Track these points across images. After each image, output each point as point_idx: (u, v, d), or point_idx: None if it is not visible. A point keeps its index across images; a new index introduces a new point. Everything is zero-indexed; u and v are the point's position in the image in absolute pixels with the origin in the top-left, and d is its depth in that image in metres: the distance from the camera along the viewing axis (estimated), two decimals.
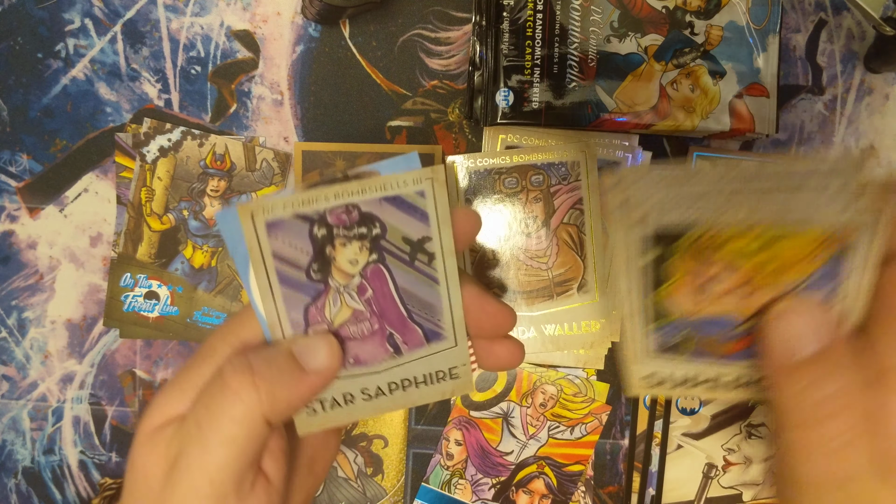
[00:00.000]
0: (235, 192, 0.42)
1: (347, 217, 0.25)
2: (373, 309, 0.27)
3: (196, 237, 0.42)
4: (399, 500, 0.44)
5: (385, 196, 0.25)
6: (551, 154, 0.41)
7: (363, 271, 0.26)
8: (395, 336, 0.28)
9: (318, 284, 0.26)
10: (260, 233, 0.25)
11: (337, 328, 0.27)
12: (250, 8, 0.42)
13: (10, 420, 0.43)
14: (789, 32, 0.43)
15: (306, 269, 0.26)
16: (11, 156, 0.42)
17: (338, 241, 0.26)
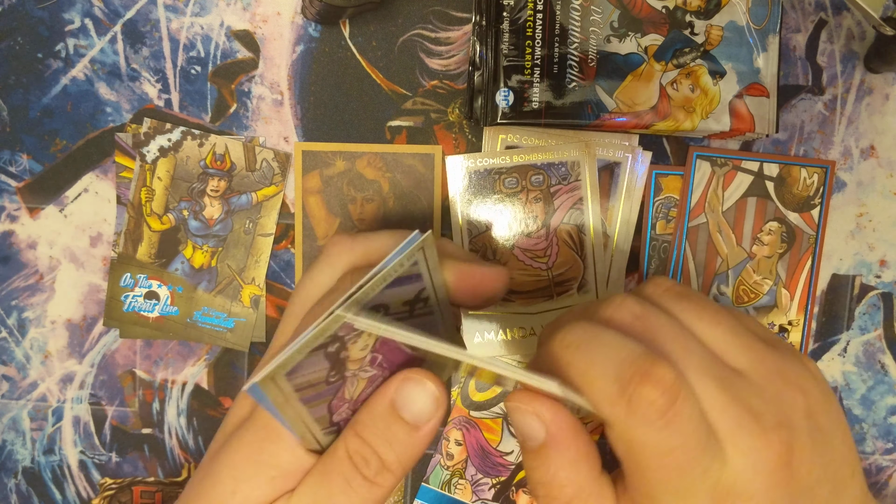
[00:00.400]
0: (235, 191, 0.42)
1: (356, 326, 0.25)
2: (384, 367, 0.27)
3: (196, 237, 0.42)
4: (399, 500, 0.44)
5: (386, 285, 0.25)
6: (551, 154, 0.41)
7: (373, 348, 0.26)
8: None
9: (337, 383, 0.25)
10: (284, 388, 0.24)
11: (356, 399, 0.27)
12: (250, 8, 0.42)
13: (10, 420, 0.43)
14: (789, 32, 0.43)
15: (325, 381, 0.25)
16: (11, 156, 0.42)
17: (349, 342, 0.25)
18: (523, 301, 0.42)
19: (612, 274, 0.42)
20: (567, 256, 0.42)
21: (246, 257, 0.42)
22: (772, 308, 0.43)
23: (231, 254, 0.42)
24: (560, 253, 0.42)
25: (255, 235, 0.42)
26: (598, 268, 0.42)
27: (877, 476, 0.45)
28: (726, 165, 0.42)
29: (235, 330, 0.43)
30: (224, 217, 0.42)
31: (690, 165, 0.42)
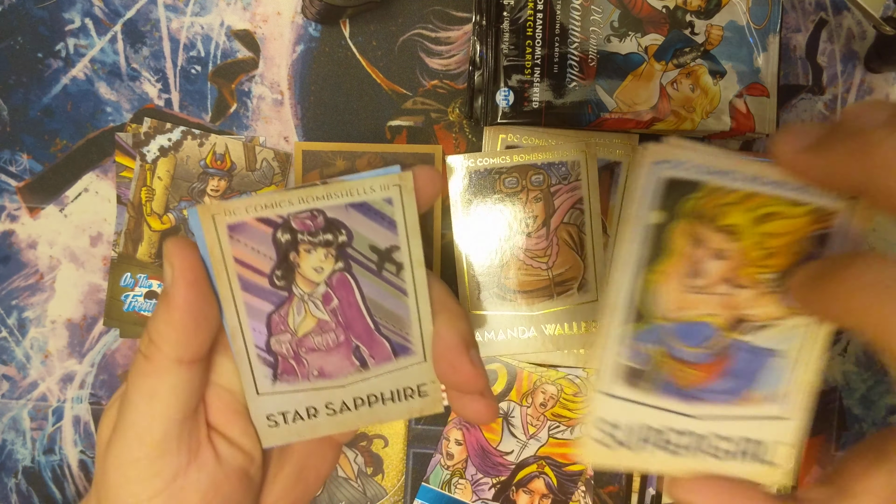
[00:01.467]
0: (236, 191, 0.42)
1: (312, 222, 0.24)
2: (338, 319, 0.26)
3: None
4: (399, 500, 0.44)
5: (351, 202, 0.24)
6: (551, 154, 0.41)
7: (328, 280, 0.25)
8: (362, 349, 0.27)
9: (281, 292, 0.25)
10: (221, 236, 0.24)
11: (301, 338, 0.26)
12: (250, 8, 0.42)
13: (10, 420, 0.43)
14: (789, 32, 0.43)
15: (269, 276, 0.25)
16: (11, 155, 0.42)
17: (302, 248, 0.24)
18: (524, 300, 0.42)
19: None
20: (567, 256, 0.42)
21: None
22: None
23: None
24: (560, 253, 0.42)
25: None
26: (598, 268, 0.42)
27: None
28: None
29: None
30: None
31: None
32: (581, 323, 0.42)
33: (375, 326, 0.26)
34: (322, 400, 0.27)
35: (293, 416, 0.27)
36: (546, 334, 0.42)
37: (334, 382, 0.27)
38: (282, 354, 0.26)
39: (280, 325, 0.26)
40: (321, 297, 0.25)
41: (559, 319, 0.42)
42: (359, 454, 0.43)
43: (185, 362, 0.25)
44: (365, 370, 0.27)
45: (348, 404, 0.27)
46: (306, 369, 0.26)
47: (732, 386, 0.24)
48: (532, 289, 0.42)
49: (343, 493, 0.43)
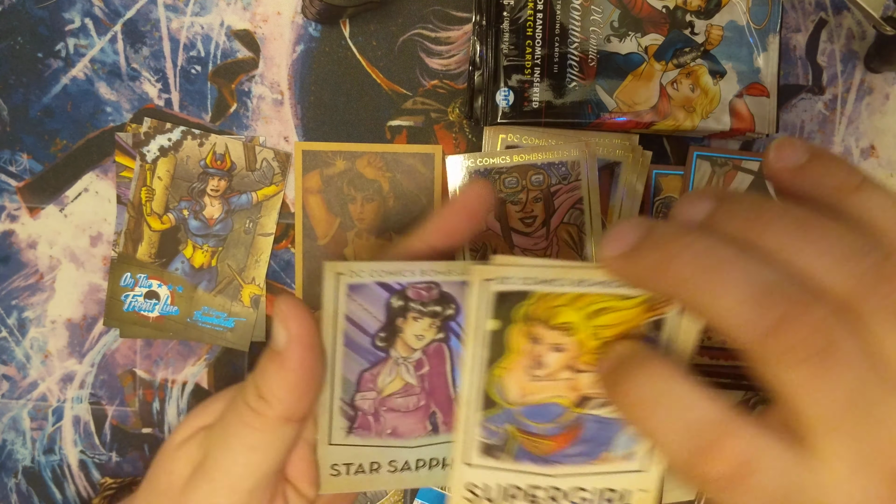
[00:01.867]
0: (236, 191, 0.42)
1: (427, 294, 0.25)
2: (424, 385, 0.27)
3: (196, 237, 0.42)
4: (399, 500, 0.44)
5: (465, 280, 0.25)
6: (551, 154, 0.41)
7: (426, 348, 0.26)
8: (438, 415, 0.27)
9: (379, 353, 0.26)
10: (340, 293, 0.25)
11: (384, 398, 0.26)
12: (250, 7, 0.42)
13: (10, 420, 0.43)
14: (789, 32, 0.43)
15: (373, 336, 0.25)
16: (11, 155, 0.42)
17: (410, 315, 0.25)
18: None
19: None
20: (567, 256, 0.42)
21: (246, 257, 0.42)
22: None
23: (231, 253, 0.42)
24: (560, 253, 0.42)
25: (255, 235, 0.42)
26: None
27: None
28: (726, 165, 0.42)
29: (235, 329, 0.43)
30: (224, 217, 0.42)
31: (690, 165, 0.42)
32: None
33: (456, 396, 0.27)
34: (388, 457, 0.28)
35: (356, 468, 0.27)
36: None
37: (404, 443, 0.27)
38: (363, 410, 0.27)
39: (369, 382, 0.26)
40: (414, 363, 0.26)
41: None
42: None
43: (292, 421, 0.25)
44: (435, 435, 0.28)
45: (410, 464, 0.28)
46: (381, 427, 0.27)
47: (587, 450, 0.26)
48: None
49: None
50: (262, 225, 0.42)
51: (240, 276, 0.42)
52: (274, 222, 0.42)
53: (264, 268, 0.43)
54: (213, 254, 0.42)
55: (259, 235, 0.42)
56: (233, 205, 0.42)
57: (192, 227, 0.42)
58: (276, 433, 0.25)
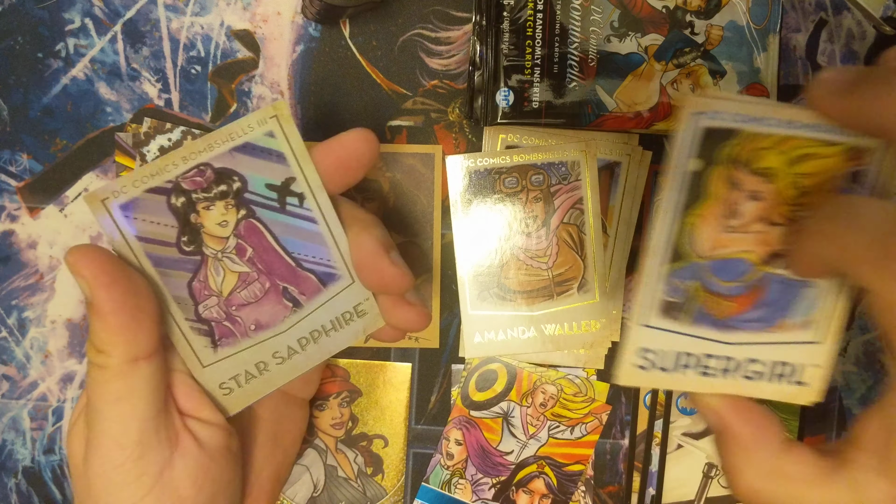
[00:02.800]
0: None
1: (202, 178, 0.24)
2: (258, 267, 0.25)
3: None
4: (399, 500, 0.44)
5: (234, 146, 0.24)
6: (551, 154, 0.41)
7: (236, 231, 0.25)
8: (290, 289, 0.26)
9: (193, 257, 0.24)
10: (117, 218, 0.23)
11: (227, 297, 0.25)
12: (250, 8, 0.42)
13: (10, 420, 0.43)
14: (789, 32, 0.43)
15: (177, 244, 0.24)
16: (11, 155, 0.42)
17: (200, 207, 0.24)
18: (523, 300, 0.42)
19: (612, 274, 0.42)
20: (567, 256, 0.42)
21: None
22: None
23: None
24: (560, 253, 0.42)
25: None
26: (598, 268, 0.42)
27: None
28: None
29: None
30: None
31: None
32: (581, 323, 0.42)
33: (297, 263, 0.26)
34: (268, 352, 0.26)
35: (245, 377, 0.26)
36: (546, 334, 0.42)
37: (274, 331, 0.26)
38: (214, 320, 0.25)
39: (203, 290, 0.25)
40: (235, 251, 0.25)
41: (559, 319, 0.42)
42: (359, 454, 0.43)
43: (139, 359, 0.24)
44: (299, 309, 0.26)
45: (294, 348, 0.27)
46: (243, 327, 0.26)
47: (766, 315, 0.25)
48: (532, 289, 0.42)
49: (343, 493, 0.43)
50: None
51: None
52: None
53: None
54: None
55: None
56: None
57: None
58: (131, 377, 0.24)
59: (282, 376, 0.27)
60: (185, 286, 0.25)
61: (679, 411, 0.44)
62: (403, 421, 0.43)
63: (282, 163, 0.25)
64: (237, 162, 0.24)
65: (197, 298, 0.25)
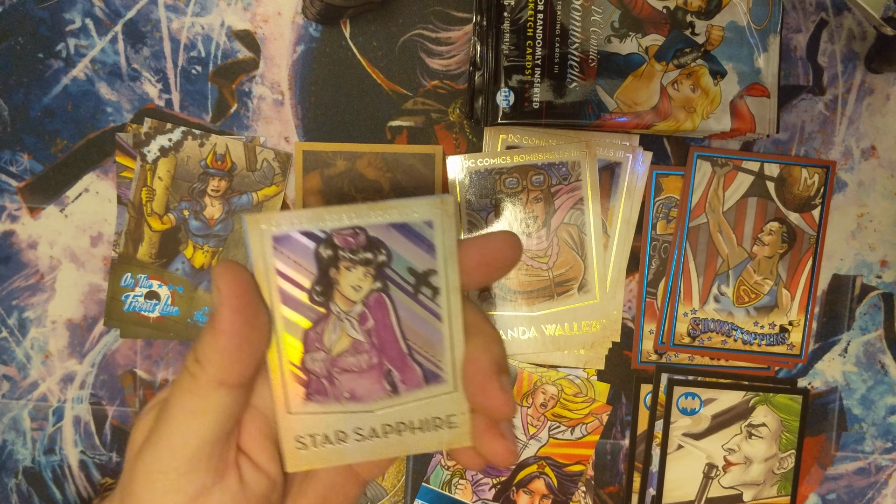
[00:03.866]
0: (236, 191, 0.42)
1: (354, 240, 0.25)
2: (373, 341, 0.26)
3: (197, 237, 0.42)
4: (399, 500, 0.44)
5: (393, 222, 0.25)
6: (552, 154, 0.41)
7: (366, 299, 0.26)
8: (394, 373, 0.27)
9: (319, 308, 0.25)
10: (266, 246, 0.24)
11: (335, 357, 0.26)
12: (251, 8, 0.42)
13: (10, 420, 0.43)
14: (790, 32, 0.43)
15: (309, 291, 0.25)
16: (12, 155, 0.42)
17: (342, 265, 0.25)
18: (524, 301, 0.42)
19: (612, 274, 0.42)
20: (567, 257, 0.42)
21: (246, 257, 0.42)
22: (772, 308, 0.43)
23: (232, 254, 0.42)
24: (560, 253, 0.42)
25: None
26: (598, 268, 0.42)
27: (876, 476, 0.45)
28: (727, 166, 0.42)
29: None
30: (225, 217, 0.42)
31: (691, 165, 0.42)
32: (581, 323, 0.42)
33: (409, 351, 0.27)
34: (351, 424, 0.27)
35: (322, 439, 0.27)
36: (546, 334, 0.42)
37: (364, 406, 0.27)
38: (315, 373, 0.26)
39: (315, 342, 0.26)
40: (357, 317, 0.26)
41: (559, 320, 0.42)
42: None
43: (227, 385, 0.25)
44: (395, 396, 0.27)
45: (377, 431, 0.27)
46: (338, 391, 0.26)
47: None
48: (532, 289, 0.42)
49: None
50: None
51: None
52: None
53: None
54: (213, 254, 0.42)
55: None
56: (233, 205, 0.42)
57: (192, 228, 0.42)
58: (213, 397, 0.25)
59: (355, 454, 0.28)
60: (301, 331, 0.26)
61: (679, 412, 0.44)
62: None
63: (430, 253, 0.26)
64: (391, 237, 0.25)
65: (307, 347, 0.26)
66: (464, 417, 0.27)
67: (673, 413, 0.44)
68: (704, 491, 0.44)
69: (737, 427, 0.44)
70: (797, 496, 0.45)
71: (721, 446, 0.44)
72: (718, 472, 0.44)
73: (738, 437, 0.44)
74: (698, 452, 0.44)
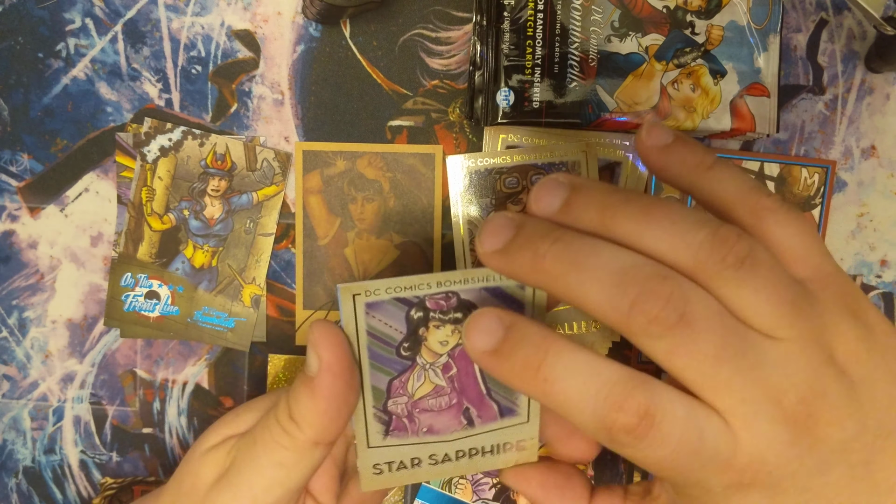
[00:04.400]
0: (236, 191, 0.42)
1: (446, 303, 0.26)
2: (454, 385, 0.27)
3: (197, 237, 0.42)
4: (399, 500, 0.44)
5: (486, 287, 0.26)
6: (552, 154, 0.41)
7: (451, 352, 0.27)
8: (471, 410, 0.28)
9: (405, 361, 0.27)
10: (359, 311, 0.25)
11: (416, 400, 0.27)
12: (251, 8, 0.42)
13: (10, 420, 0.43)
14: (790, 32, 0.43)
15: (397, 347, 0.26)
16: (12, 155, 0.42)
17: (432, 324, 0.26)
18: None
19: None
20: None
21: (247, 257, 0.42)
22: None
23: (232, 253, 0.42)
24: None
25: (255, 235, 0.42)
26: None
27: None
28: None
29: (236, 329, 0.43)
30: (225, 217, 0.42)
31: None
32: (581, 323, 0.42)
33: (487, 392, 0.28)
34: (427, 452, 0.28)
35: (398, 465, 0.28)
36: None
37: (441, 438, 0.28)
38: (396, 414, 0.28)
39: (399, 389, 0.27)
40: (441, 366, 0.27)
41: (559, 319, 0.42)
42: None
43: (321, 444, 0.26)
44: (471, 427, 0.28)
45: (450, 456, 0.29)
46: (417, 427, 0.28)
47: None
48: None
49: None
50: (262, 225, 0.42)
51: (240, 277, 0.42)
52: (274, 222, 0.42)
53: (265, 268, 0.43)
54: (213, 254, 0.42)
55: (259, 235, 0.42)
56: (233, 205, 0.42)
57: (192, 227, 0.42)
58: (305, 455, 0.26)
59: (427, 475, 0.29)
60: (386, 381, 0.27)
61: None
62: None
63: (519, 311, 0.27)
64: (482, 298, 0.26)
65: (390, 394, 0.27)
66: (533, 441, 0.29)
67: None
68: None
69: None
70: None
71: None
72: None
73: None
74: None
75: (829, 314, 0.22)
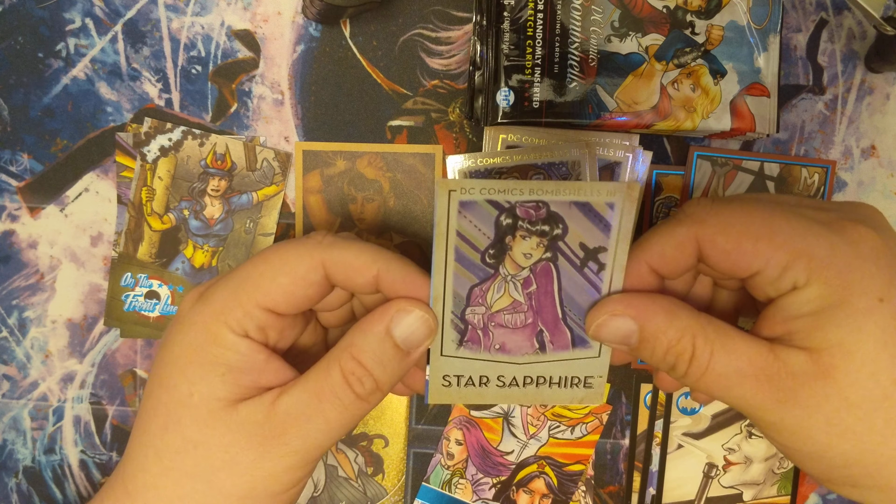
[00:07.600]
0: (236, 191, 0.42)
1: (535, 213, 0.26)
2: (531, 303, 0.28)
3: (197, 237, 0.42)
4: (399, 500, 0.44)
5: (576, 200, 0.26)
6: (552, 154, 0.41)
7: (533, 266, 0.27)
8: (545, 333, 0.28)
9: (488, 269, 0.27)
10: (452, 210, 0.25)
11: (493, 313, 0.28)
12: (251, 7, 0.42)
13: (10, 420, 0.43)
14: (790, 32, 0.43)
15: (482, 253, 0.26)
16: (12, 155, 0.42)
17: (519, 234, 0.26)
18: None
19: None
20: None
21: (247, 257, 0.42)
22: None
23: (232, 253, 0.42)
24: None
25: (255, 235, 0.42)
26: None
27: None
28: (727, 165, 0.42)
29: None
30: (225, 217, 0.42)
31: (691, 165, 0.42)
32: None
33: (563, 315, 0.28)
34: (496, 372, 0.29)
35: (466, 381, 0.29)
36: None
37: (512, 358, 0.28)
38: (473, 324, 0.28)
39: (479, 297, 0.27)
40: (522, 280, 0.27)
41: None
42: (359, 454, 0.43)
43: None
44: (542, 353, 0.29)
45: (518, 380, 0.29)
46: (490, 341, 0.28)
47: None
48: None
49: (343, 493, 0.43)
50: (262, 225, 0.42)
51: None
52: (274, 222, 0.42)
53: None
54: (213, 254, 0.42)
55: (260, 235, 0.42)
56: (233, 205, 0.42)
57: (192, 227, 0.42)
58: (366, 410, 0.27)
59: (493, 397, 0.29)
60: (467, 286, 0.27)
61: (679, 411, 0.44)
62: (404, 421, 0.43)
63: (605, 232, 0.27)
64: (570, 214, 0.26)
65: (470, 301, 0.27)
66: (600, 380, 0.29)
67: (673, 413, 0.44)
68: (704, 490, 0.44)
69: (737, 426, 0.44)
70: (797, 496, 0.45)
71: (721, 446, 0.44)
72: (718, 471, 0.44)
73: (738, 436, 0.44)
74: (698, 452, 0.44)
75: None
